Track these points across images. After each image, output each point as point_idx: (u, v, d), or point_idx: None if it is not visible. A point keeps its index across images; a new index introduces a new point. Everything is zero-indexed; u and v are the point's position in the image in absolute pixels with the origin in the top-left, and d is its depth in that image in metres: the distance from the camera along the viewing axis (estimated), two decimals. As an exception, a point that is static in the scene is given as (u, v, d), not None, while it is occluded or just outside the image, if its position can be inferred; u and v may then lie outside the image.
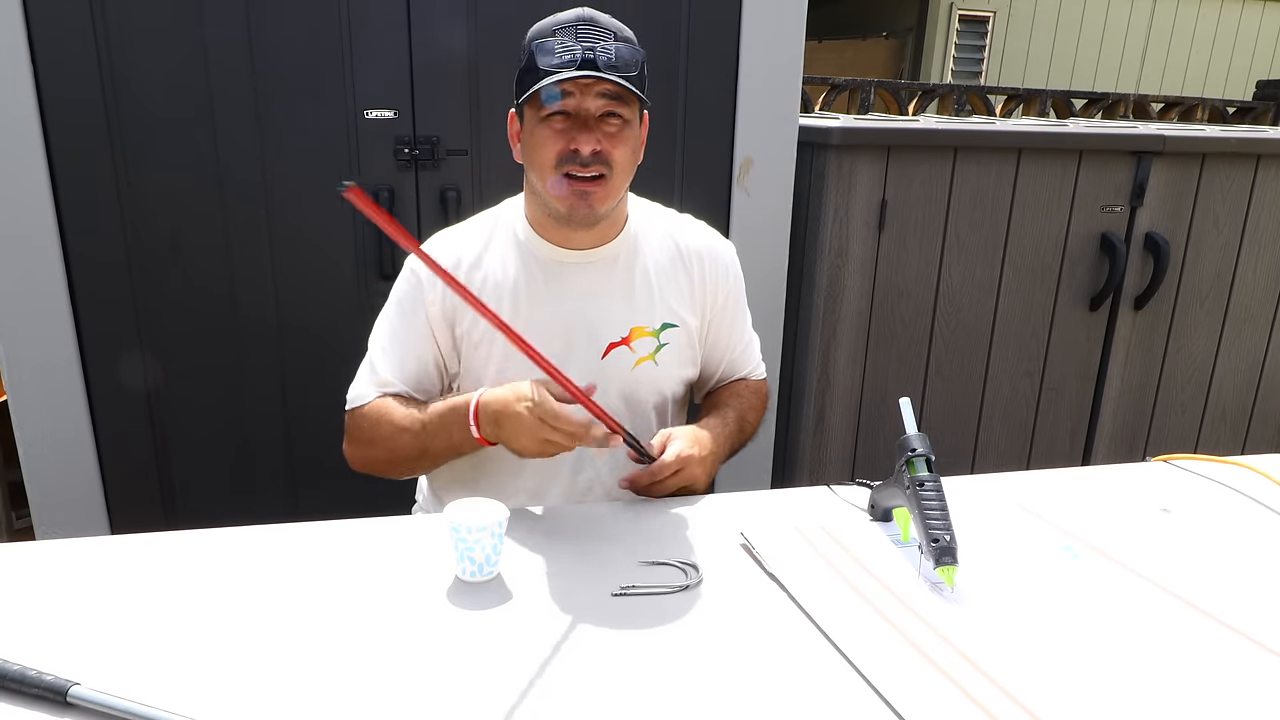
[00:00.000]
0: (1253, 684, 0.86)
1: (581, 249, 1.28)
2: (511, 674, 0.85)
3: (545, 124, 1.17)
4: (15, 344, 1.83)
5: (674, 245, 1.35)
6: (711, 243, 1.39)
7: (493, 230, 1.32)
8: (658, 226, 1.36)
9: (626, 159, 1.20)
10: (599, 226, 1.25)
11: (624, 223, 1.31)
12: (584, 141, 1.15)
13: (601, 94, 1.15)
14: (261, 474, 2.05)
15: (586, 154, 1.15)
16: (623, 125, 1.18)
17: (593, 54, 1.13)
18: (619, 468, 1.36)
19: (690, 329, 1.36)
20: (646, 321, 1.32)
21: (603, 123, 1.17)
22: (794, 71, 2.07)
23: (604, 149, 1.16)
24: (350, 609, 0.95)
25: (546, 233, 1.28)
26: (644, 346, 1.32)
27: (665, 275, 1.33)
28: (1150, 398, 2.65)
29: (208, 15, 1.77)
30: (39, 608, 0.94)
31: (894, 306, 2.32)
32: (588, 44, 1.14)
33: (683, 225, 1.39)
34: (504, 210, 1.34)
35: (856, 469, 2.44)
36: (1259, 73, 8.87)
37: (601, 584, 1.01)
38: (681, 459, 1.20)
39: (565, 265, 1.28)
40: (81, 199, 1.81)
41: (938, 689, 0.83)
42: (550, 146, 1.17)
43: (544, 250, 1.28)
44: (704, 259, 1.36)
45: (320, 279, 1.98)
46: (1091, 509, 1.24)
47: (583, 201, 1.18)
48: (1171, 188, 2.43)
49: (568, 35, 1.14)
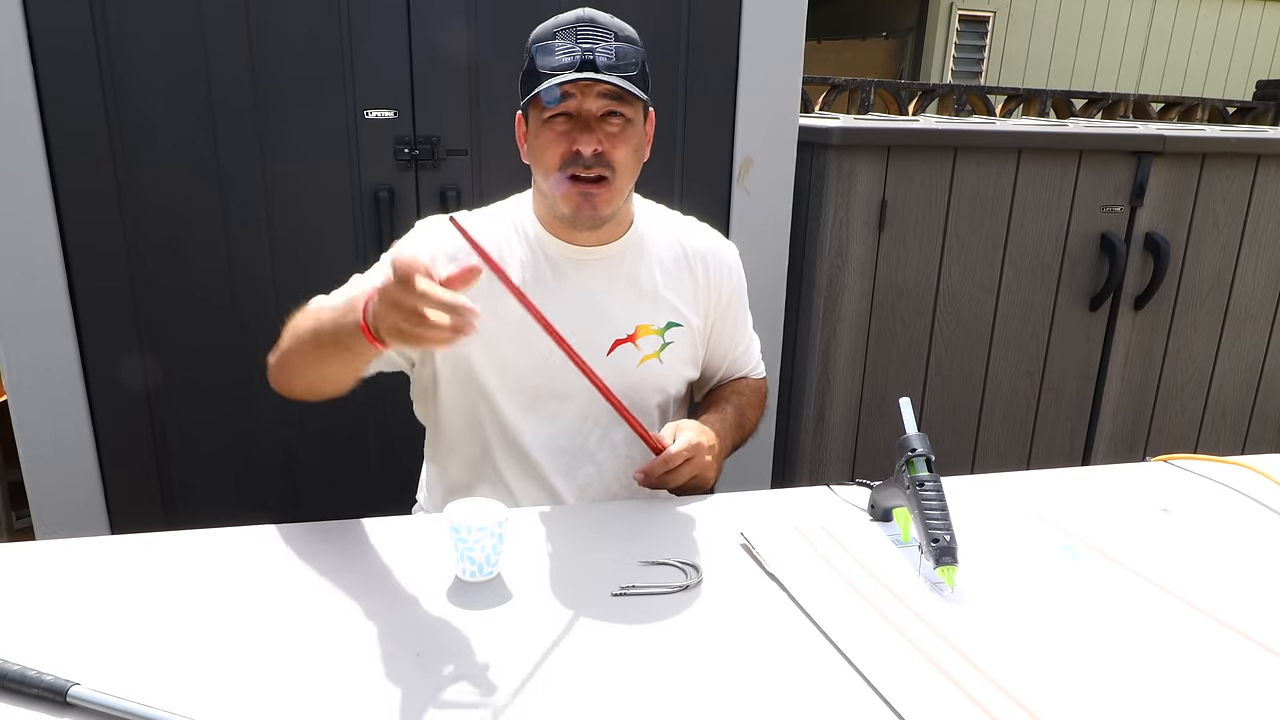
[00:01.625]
0: (1253, 684, 0.86)
1: (588, 246, 1.29)
2: (511, 674, 0.85)
3: (548, 126, 1.18)
4: (15, 344, 1.83)
5: (679, 246, 1.36)
6: (715, 245, 1.40)
7: (502, 221, 1.33)
8: (663, 228, 1.37)
9: (629, 159, 1.20)
10: (605, 227, 1.26)
11: (630, 222, 1.32)
12: (585, 143, 1.16)
13: (602, 95, 1.16)
14: (262, 474, 2.05)
15: (588, 155, 1.16)
16: (625, 125, 1.18)
17: (592, 55, 1.14)
18: (619, 465, 1.37)
19: (694, 329, 1.37)
20: (652, 319, 1.32)
21: (604, 123, 1.17)
22: (794, 71, 2.07)
23: (606, 150, 1.17)
24: (350, 609, 0.95)
25: (554, 229, 1.29)
26: (649, 344, 1.33)
27: (670, 275, 1.34)
28: (1150, 398, 2.65)
29: (207, 15, 1.77)
30: (39, 608, 0.94)
31: (894, 306, 2.32)
32: (587, 45, 1.14)
33: (687, 227, 1.40)
34: (517, 204, 1.35)
35: (856, 469, 2.44)
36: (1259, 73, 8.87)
37: (601, 584, 1.01)
38: (692, 447, 1.20)
39: (572, 261, 1.29)
40: (81, 199, 1.81)
41: (938, 689, 0.83)
42: (553, 149, 1.18)
43: (552, 246, 1.29)
44: (708, 260, 1.37)
45: (320, 279, 1.96)
46: (1091, 509, 1.24)
47: (587, 203, 1.19)
48: (1171, 188, 2.43)
49: (568, 37, 1.15)
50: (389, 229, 1.93)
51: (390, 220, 1.93)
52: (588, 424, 1.34)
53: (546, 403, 1.31)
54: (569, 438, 1.34)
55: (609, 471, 1.37)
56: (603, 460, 1.36)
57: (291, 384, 1.22)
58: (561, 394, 1.31)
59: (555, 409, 1.32)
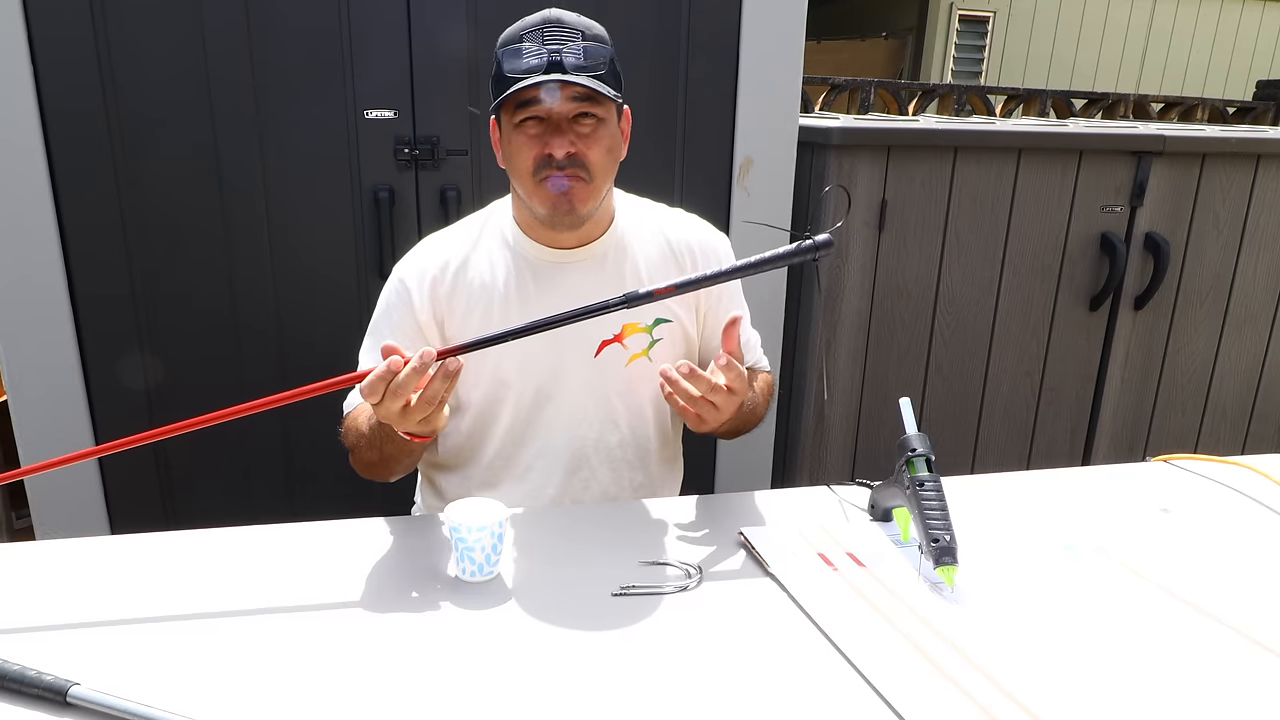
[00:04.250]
0: (1253, 684, 0.86)
1: (568, 248, 1.28)
2: (511, 674, 0.85)
3: (519, 131, 1.17)
4: (15, 344, 1.83)
5: (664, 240, 1.34)
6: (704, 236, 1.38)
7: (480, 232, 1.31)
8: (647, 222, 1.35)
9: (603, 158, 1.19)
10: (584, 226, 1.24)
11: (610, 220, 1.31)
12: (557, 145, 1.15)
13: (572, 96, 1.14)
14: (261, 474, 2.05)
15: (561, 157, 1.15)
16: (597, 124, 1.17)
17: (559, 56, 1.13)
18: (616, 468, 1.37)
19: (684, 323, 1.35)
20: (638, 317, 1.30)
21: (576, 124, 1.16)
22: (794, 71, 2.07)
23: (579, 151, 1.16)
24: (350, 609, 0.95)
25: (534, 233, 1.28)
26: (637, 343, 1.31)
27: (656, 270, 1.32)
28: (1150, 398, 2.65)
29: (207, 15, 1.77)
30: (39, 608, 0.94)
31: (894, 306, 2.32)
32: (555, 46, 1.13)
33: (673, 219, 1.38)
34: (492, 212, 1.34)
35: (856, 469, 2.44)
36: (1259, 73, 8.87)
37: (601, 584, 1.01)
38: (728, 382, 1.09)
39: (553, 265, 1.28)
40: (82, 199, 1.81)
41: (937, 689, 0.83)
42: (526, 153, 1.17)
43: (532, 250, 1.28)
44: (695, 251, 1.35)
45: (320, 279, 1.98)
46: (1091, 509, 1.24)
47: (564, 200, 1.17)
48: (1171, 188, 2.43)
49: (535, 39, 1.14)
50: (389, 229, 1.93)
51: (390, 220, 1.93)
52: (583, 426, 1.33)
53: (543, 406, 1.31)
54: (566, 440, 1.34)
55: (608, 477, 1.37)
56: (599, 465, 1.36)
57: (385, 477, 1.25)
58: (556, 396, 1.30)
59: (550, 413, 1.31)
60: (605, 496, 1.36)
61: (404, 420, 1.01)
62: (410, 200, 1.96)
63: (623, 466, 1.36)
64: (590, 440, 1.34)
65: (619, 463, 1.36)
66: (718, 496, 1.28)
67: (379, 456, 1.18)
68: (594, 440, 1.34)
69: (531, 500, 1.33)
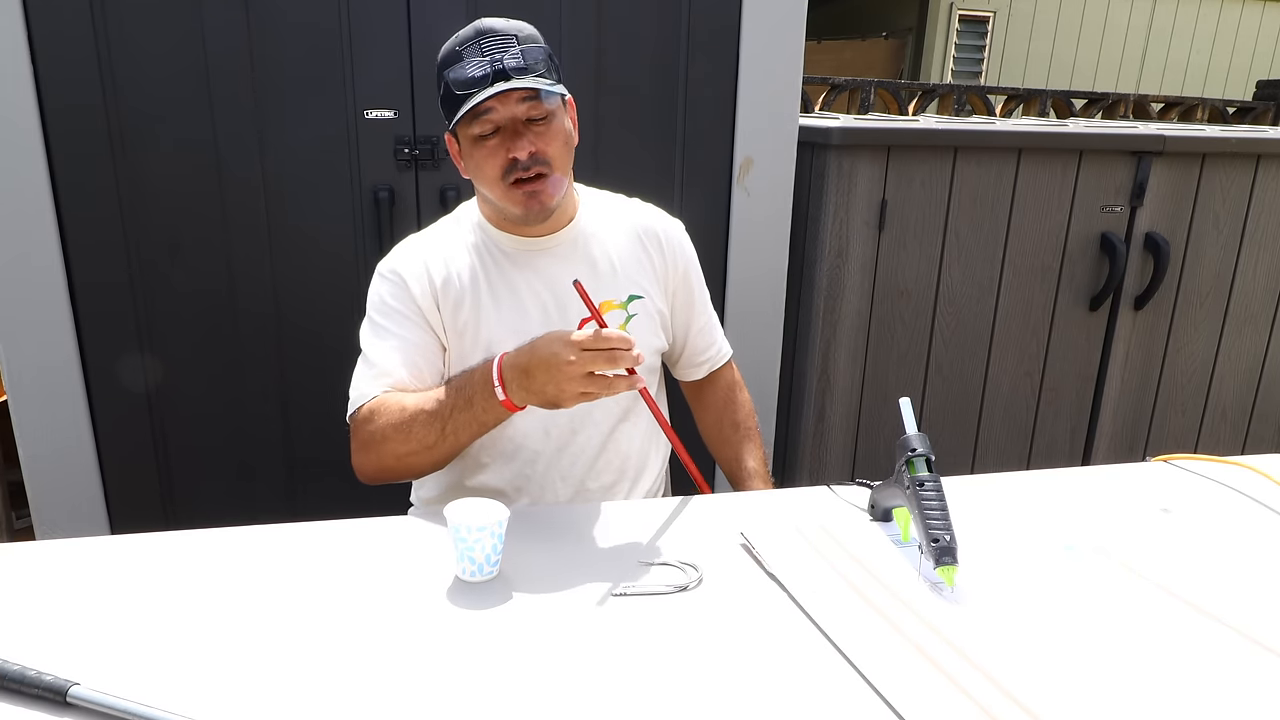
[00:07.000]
0: (1253, 684, 0.86)
1: (538, 236, 1.33)
2: (511, 674, 0.85)
3: (479, 144, 1.22)
4: (15, 344, 1.83)
5: (630, 225, 1.41)
6: (665, 223, 1.45)
7: (455, 230, 1.36)
8: (611, 209, 1.42)
9: (561, 150, 1.25)
10: (553, 215, 1.29)
11: (575, 208, 1.37)
12: (519, 148, 1.20)
13: (522, 100, 1.19)
14: (261, 473, 2.05)
15: (525, 158, 1.20)
16: (550, 120, 1.22)
17: (501, 64, 1.17)
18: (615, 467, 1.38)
19: (655, 299, 1.41)
20: (613, 295, 1.36)
21: (531, 125, 1.21)
22: (794, 71, 2.07)
23: (539, 149, 1.21)
24: (350, 609, 0.95)
25: (505, 227, 1.33)
26: (613, 320, 1.35)
27: (625, 252, 1.39)
28: (1150, 398, 2.65)
29: (208, 16, 1.77)
30: (39, 608, 0.94)
31: (894, 306, 2.32)
32: (495, 56, 1.18)
33: (634, 207, 1.45)
34: (460, 215, 1.38)
35: (856, 469, 2.44)
36: (1259, 73, 8.87)
37: (601, 584, 1.01)
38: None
39: (528, 253, 1.33)
40: (82, 199, 1.81)
41: (938, 689, 0.83)
42: (491, 162, 1.22)
43: (505, 241, 1.33)
44: (659, 235, 1.42)
45: (320, 279, 1.98)
46: (1091, 509, 1.24)
47: (535, 200, 1.23)
48: (1171, 188, 2.43)
49: (474, 52, 1.19)
50: (389, 229, 1.93)
51: (390, 220, 1.93)
52: (578, 421, 1.35)
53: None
54: (564, 437, 1.35)
55: (605, 473, 1.38)
56: (597, 466, 1.37)
57: (400, 476, 1.29)
58: None
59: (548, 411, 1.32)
60: (590, 469, 1.38)
61: (580, 384, 1.07)
62: (410, 200, 1.96)
63: (615, 461, 1.40)
64: (578, 413, 1.33)
65: (613, 458, 1.39)
66: (718, 496, 1.28)
67: (437, 434, 1.19)
68: (582, 411, 1.34)
69: (533, 496, 1.35)
